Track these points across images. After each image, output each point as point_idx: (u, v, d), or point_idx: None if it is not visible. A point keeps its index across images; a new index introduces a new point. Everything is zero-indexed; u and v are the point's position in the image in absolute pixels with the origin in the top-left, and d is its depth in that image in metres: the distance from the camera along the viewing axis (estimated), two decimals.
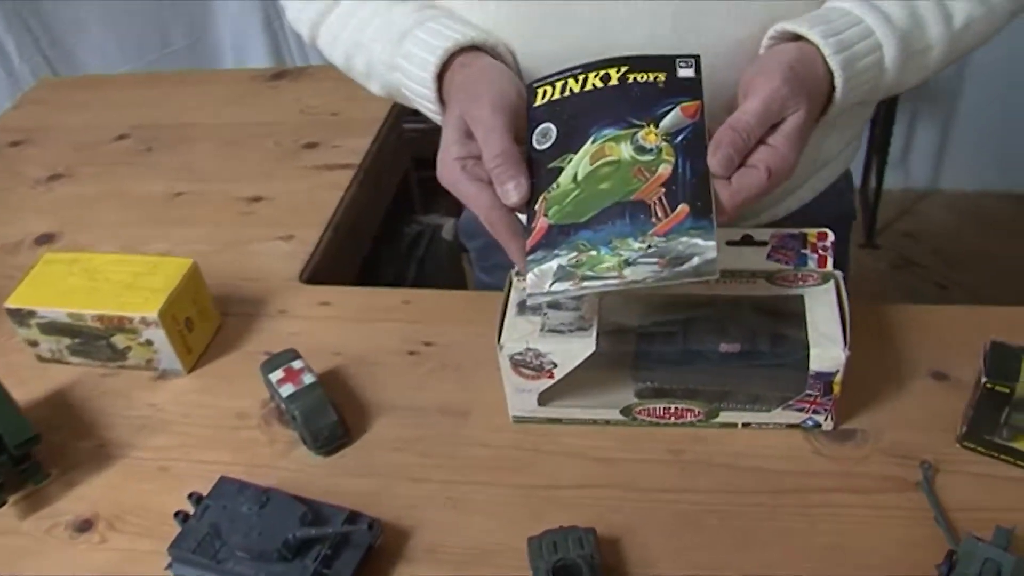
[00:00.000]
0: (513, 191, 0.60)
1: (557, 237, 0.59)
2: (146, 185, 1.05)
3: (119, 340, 0.78)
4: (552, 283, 0.58)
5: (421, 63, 0.68)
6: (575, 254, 0.58)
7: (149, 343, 0.77)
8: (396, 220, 1.19)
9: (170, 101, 1.21)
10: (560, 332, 0.65)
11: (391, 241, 1.19)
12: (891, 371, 0.70)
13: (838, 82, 0.62)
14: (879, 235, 2.11)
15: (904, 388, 0.68)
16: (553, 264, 0.59)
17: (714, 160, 0.57)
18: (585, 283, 0.57)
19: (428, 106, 0.70)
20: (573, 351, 0.64)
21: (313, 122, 1.12)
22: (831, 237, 0.66)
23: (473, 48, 0.68)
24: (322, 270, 0.90)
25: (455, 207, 1.55)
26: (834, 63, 0.62)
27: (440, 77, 0.68)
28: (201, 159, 1.08)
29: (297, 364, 0.72)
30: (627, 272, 0.57)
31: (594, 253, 0.58)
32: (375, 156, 1.05)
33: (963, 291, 1.97)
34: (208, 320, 0.82)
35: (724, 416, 0.66)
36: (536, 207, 0.61)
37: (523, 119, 0.64)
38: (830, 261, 0.66)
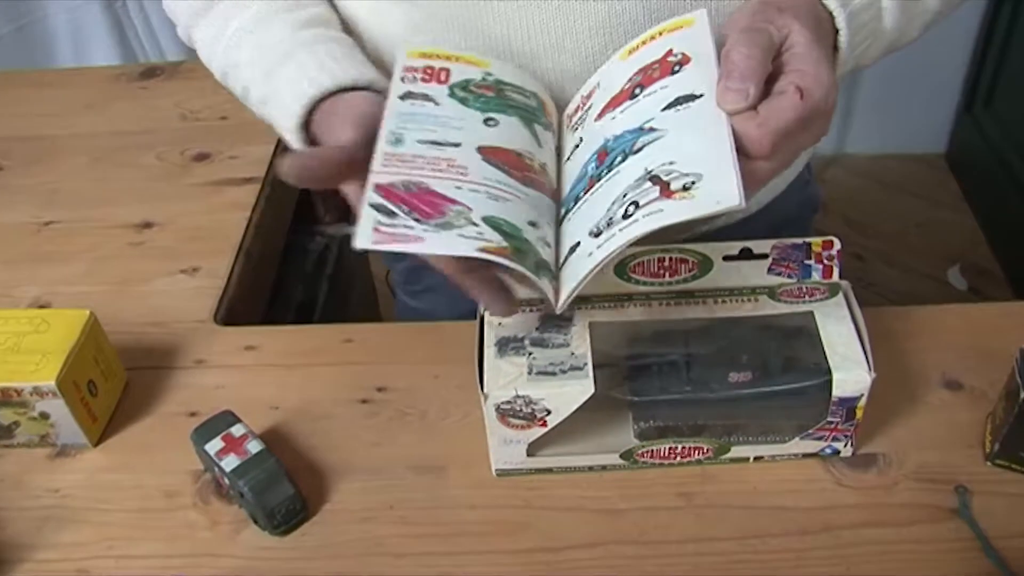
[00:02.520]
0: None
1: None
2: (3, 214, 0.94)
3: (4, 415, 0.69)
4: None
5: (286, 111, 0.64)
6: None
7: (44, 416, 0.69)
8: (300, 235, 1.12)
9: (18, 108, 1.10)
10: (551, 374, 0.60)
11: (296, 260, 1.11)
12: (902, 384, 0.69)
13: (841, 23, 0.58)
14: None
15: (918, 402, 0.68)
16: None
17: (722, 97, 0.52)
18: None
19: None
20: (569, 395, 0.60)
21: (199, 129, 1.03)
22: (837, 245, 0.64)
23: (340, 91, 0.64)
24: (238, 307, 0.83)
25: None
26: (831, 2, 0.58)
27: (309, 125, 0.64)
28: (70, 179, 0.98)
29: (238, 430, 0.65)
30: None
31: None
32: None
33: (879, 260, 2.04)
34: (113, 379, 0.73)
35: (735, 451, 0.64)
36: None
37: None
38: (836, 271, 0.64)
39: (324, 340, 0.77)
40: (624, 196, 0.52)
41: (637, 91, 0.58)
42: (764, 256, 0.64)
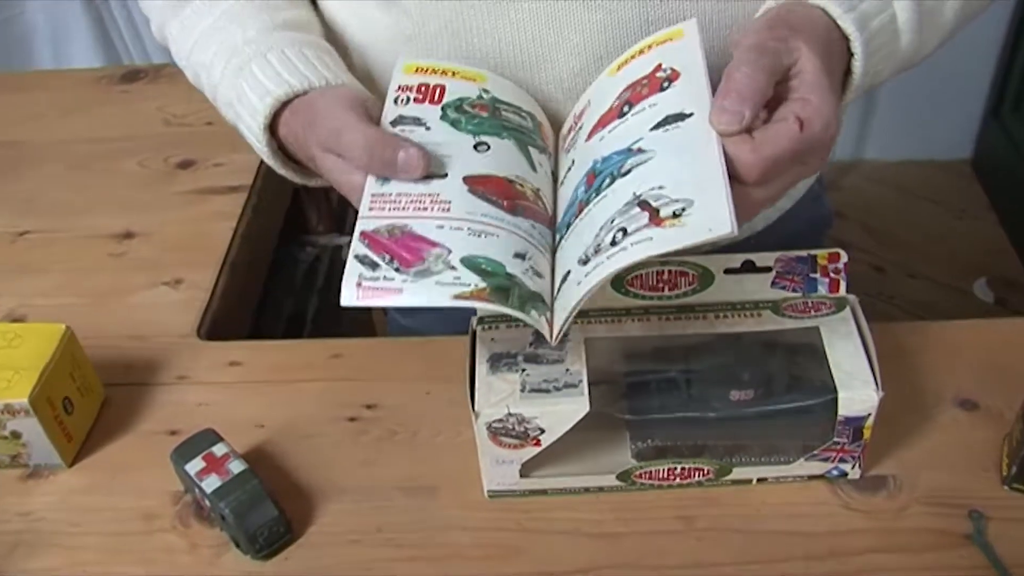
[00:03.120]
0: (404, 158, 0.57)
1: None
2: None
3: None
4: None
5: (251, 110, 0.66)
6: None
7: (16, 435, 0.70)
8: (288, 245, 1.13)
9: None
10: (545, 391, 0.61)
11: (285, 271, 1.13)
12: (913, 403, 0.70)
13: (857, 47, 0.59)
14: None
15: (931, 422, 0.68)
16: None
17: (717, 116, 0.53)
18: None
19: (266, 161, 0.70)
20: (563, 413, 0.61)
21: (184, 135, 1.05)
22: (844, 258, 0.65)
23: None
24: (223, 321, 0.84)
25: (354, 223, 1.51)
26: (847, 24, 0.59)
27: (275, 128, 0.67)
28: (47, 187, 1.00)
29: (220, 449, 0.66)
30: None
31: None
32: (268, 173, 0.99)
33: (900, 271, 2.04)
34: (90, 396, 0.74)
35: (737, 472, 0.65)
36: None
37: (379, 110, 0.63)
38: (843, 285, 0.65)
39: (311, 356, 0.78)
40: (612, 222, 0.54)
41: (626, 109, 0.59)
42: (767, 269, 0.65)
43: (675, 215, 0.51)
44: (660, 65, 0.60)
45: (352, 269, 0.54)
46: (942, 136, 2.26)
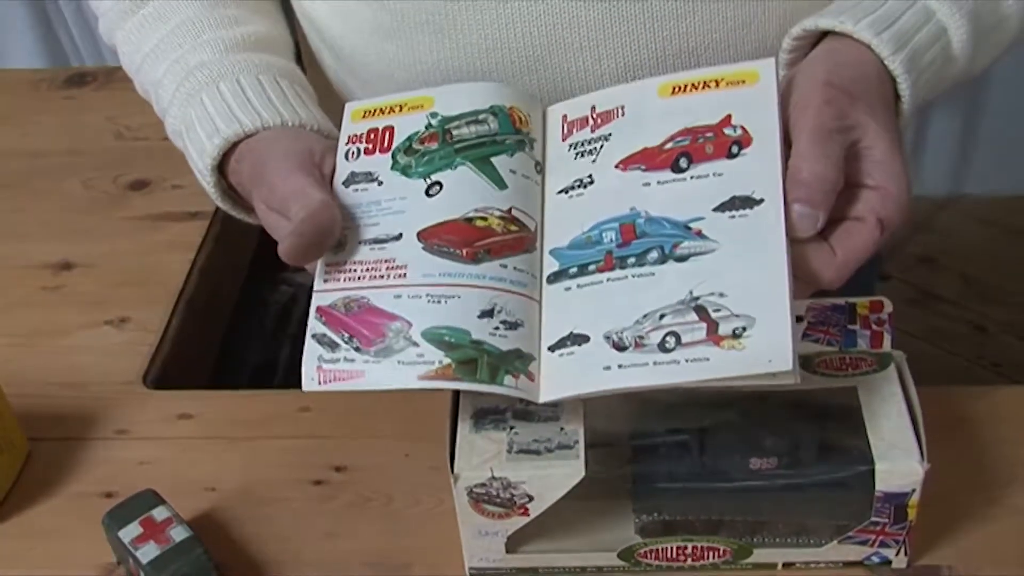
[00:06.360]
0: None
1: None
2: None
3: None
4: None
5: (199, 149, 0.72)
6: None
7: None
8: (258, 283, 1.18)
9: None
10: (535, 452, 0.66)
11: (254, 313, 1.17)
12: (977, 480, 0.73)
13: (904, 90, 0.66)
14: (887, 262, 2.17)
15: (995, 505, 0.72)
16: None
17: (798, 223, 0.59)
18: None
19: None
20: (555, 478, 0.65)
21: (138, 151, 1.10)
22: (888, 307, 0.69)
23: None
24: (175, 368, 0.89)
25: None
26: (896, 65, 0.65)
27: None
28: None
29: (161, 513, 0.70)
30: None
31: None
32: None
33: (1007, 332, 2.05)
34: (11, 452, 0.79)
35: (759, 554, 0.68)
36: None
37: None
38: (887, 339, 0.69)
39: (275, 408, 0.83)
40: (661, 317, 0.59)
41: (683, 163, 0.64)
42: (798, 319, 0.69)
43: (735, 334, 0.57)
44: (730, 118, 0.64)
45: (311, 351, 0.61)
46: None
